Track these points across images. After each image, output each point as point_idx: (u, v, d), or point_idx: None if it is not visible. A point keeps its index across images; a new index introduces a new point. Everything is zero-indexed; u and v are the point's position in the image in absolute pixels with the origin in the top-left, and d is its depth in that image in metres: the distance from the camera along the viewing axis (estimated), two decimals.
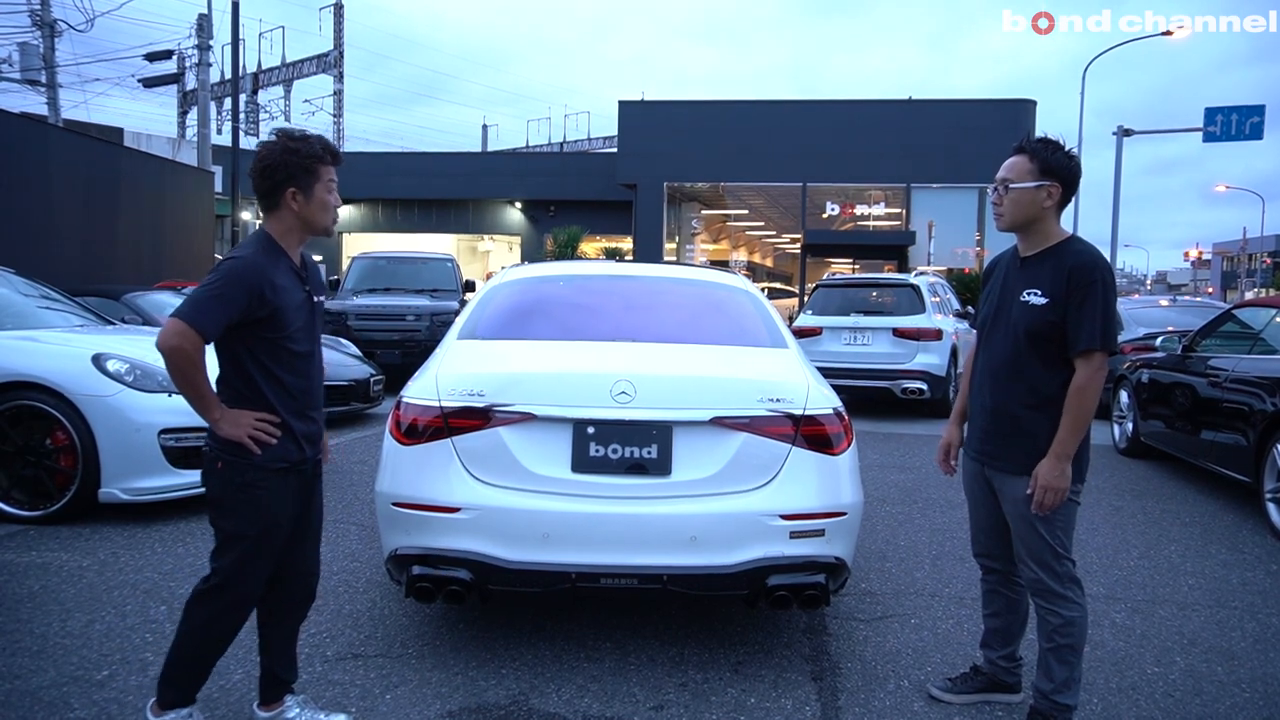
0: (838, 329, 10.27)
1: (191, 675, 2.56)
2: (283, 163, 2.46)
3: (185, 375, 2.36)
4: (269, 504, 2.50)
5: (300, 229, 2.55)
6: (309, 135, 2.54)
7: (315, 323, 2.65)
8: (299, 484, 2.60)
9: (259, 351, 2.47)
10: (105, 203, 14.26)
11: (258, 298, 2.39)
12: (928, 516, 5.57)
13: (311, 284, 2.64)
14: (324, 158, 2.52)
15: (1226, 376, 6.07)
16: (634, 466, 3.06)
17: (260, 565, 2.53)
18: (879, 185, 25.25)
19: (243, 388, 2.49)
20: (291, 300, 2.51)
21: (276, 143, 2.50)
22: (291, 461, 2.54)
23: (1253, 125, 22.01)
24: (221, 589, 2.50)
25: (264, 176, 2.48)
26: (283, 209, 2.51)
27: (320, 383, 2.70)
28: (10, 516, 4.83)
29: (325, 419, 2.79)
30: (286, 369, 2.52)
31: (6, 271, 6.36)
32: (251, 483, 2.47)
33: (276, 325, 2.46)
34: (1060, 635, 2.71)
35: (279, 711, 2.74)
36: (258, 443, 2.45)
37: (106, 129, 26.62)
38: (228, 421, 2.43)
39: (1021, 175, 2.71)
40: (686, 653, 3.39)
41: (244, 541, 2.49)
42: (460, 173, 29.94)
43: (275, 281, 2.44)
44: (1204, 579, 4.46)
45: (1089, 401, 2.61)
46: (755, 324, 3.94)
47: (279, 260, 2.51)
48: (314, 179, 2.50)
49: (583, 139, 48.92)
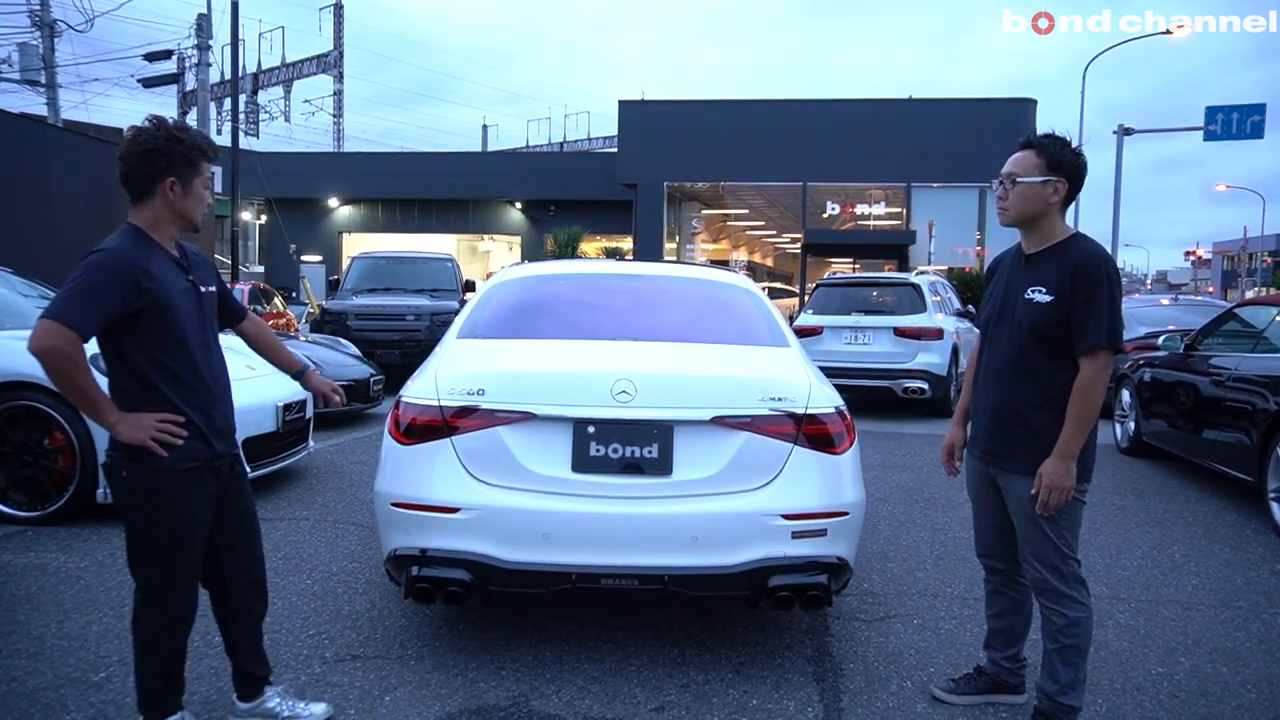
0: (839, 328, 10.25)
1: (163, 688, 2.49)
2: (166, 150, 2.35)
3: (67, 377, 2.24)
4: (181, 507, 2.39)
5: (172, 221, 2.44)
6: (189, 127, 2.46)
7: (207, 312, 2.53)
8: (214, 481, 2.50)
9: (150, 347, 2.36)
10: (105, 203, 14.19)
11: (133, 287, 2.28)
12: (929, 516, 5.55)
13: (196, 274, 2.51)
14: (207, 153, 2.44)
15: (1229, 375, 6.05)
16: (635, 466, 3.04)
17: (182, 571, 2.44)
18: (879, 184, 25.22)
19: (138, 389, 2.37)
20: (173, 288, 2.39)
21: (158, 130, 2.37)
22: (201, 460, 2.44)
23: (1253, 124, 22.00)
24: (150, 602, 2.42)
25: (145, 162, 2.35)
26: (156, 198, 2.39)
27: (224, 374, 2.59)
28: (8, 517, 4.81)
29: (325, 418, 2.76)
30: (182, 362, 2.41)
31: (5, 271, 6.33)
32: (160, 487, 2.36)
33: (161, 315, 2.35)
34: (1065, 636, 2.69)
35: (259, 703, 2.72)
36: (162, 444, 2.33)
37: (106, 129, 26.57)
38: (126, 425, 2.32)
39: (1028, 170, 2.69)
40: (688, 654, 3.36)
41: (159, 549, 2.39)
42: (460, 173, 29.91)
43: (149, 269, 2.33)
44: (1208, 579, 4.44)
45: (1094, 400, 2.59)
46: (757, 323, 3.92)
47: (152, 250, 2.39)
48: (195, 171, 2.41)
49: (583, 139, 48.93)
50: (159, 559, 2.41)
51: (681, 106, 25.78)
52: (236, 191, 18.96)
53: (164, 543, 2.40)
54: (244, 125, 21.62)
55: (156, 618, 2.44)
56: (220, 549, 2.59)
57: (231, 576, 2.63)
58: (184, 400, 2.41)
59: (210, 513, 2.50)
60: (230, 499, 2.60)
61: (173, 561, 2.42)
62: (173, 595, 2.44)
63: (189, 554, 2.45)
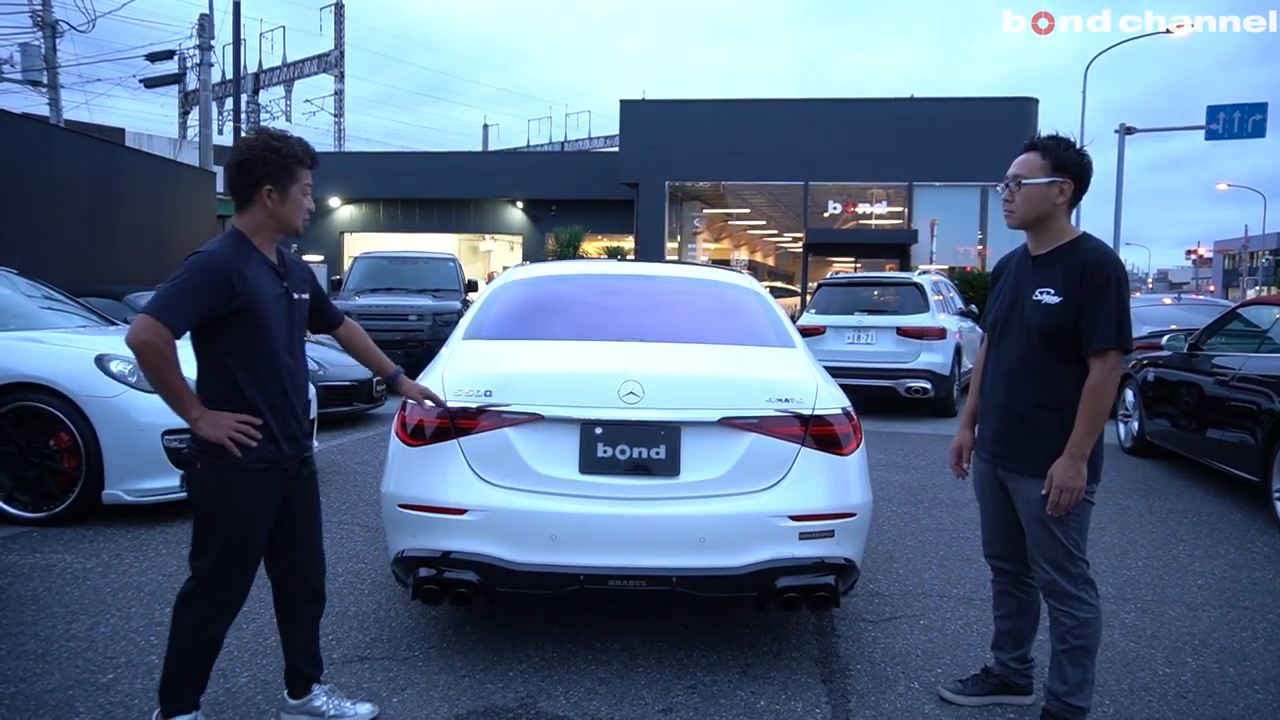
0: (841, 328, 10.24)
1: (189, 681, 2.53)
2: (262, 160, 2.45)
3: (157, 371, 2.32)
4: (246, 505, 2.46)
5: (272, 227, 2.52)
6: (289, 136, 2.53)
7: (296, 319, 2.61)
8: (281, 483, 2.56)
9: (237, 348, 2.44)
10: (107, 203, 14.23)
11: (227, 289, 2.36)
12: (934, 516, 5.55)
13: (291, 280, 2.59)
14: (303, 160, 2.51)
15: (1233, 375, 6.04)
16: (642, 467, 3.04)
17: (239, 568, 2.50)
18: (881, 184, 25.20)
19: (221, 387, 2.45)
20: (266, 294, 2.46)
21: (257, 139, 2.49)
22: (271, 462, 2.50)
23: (1255, 123, 21.99)
24: (202, 592, 2.48)
25: (241, 172, 2.46)
26: (256, 205, 2.48)
27: (304, 380, 2.66)
28: (14, 518, 4.81)
29: (329, 419, 2.78)
30: (265, 366, 2.47)
31: (9, 272, 6.33)
32: (229, 484, 2.43)
33: (251, 319, 2.42)
34: (1074, 637, 2.69)
35: (306, 700, 2.77)
36: (238, 444, 2.41)
37: (108, 129, 26.62)
38: (207, 422, 2.39)
39: (1034, 171, 2.69)
40: (695, 655, 3.36)
41: (219, 543, 2.45)
42: (462, 172, 29.90)
43: (245, 274, 2.40)
44: (1213, 579, 4.44)
45: (1104, 401, 2.59)
46: (762, 323, 3.92)
47: (249, 255, 2.47)
48: (291, 179, 2.49)
49: (584, 138, 48.91)
50: (217, 552, 2.46)
51: (683, 106, 25.75)
52: None
53: (224, 537, 2.46)
54: (245, 125, 21.61)
55: (202, 606, 2.49)
56: (282, 548, 2.65)
57: (290, 576, 2.70)
58: (263, 402, 2.48)
59: (274, 514, 2.56)
60: (297, 500, 2.66)
61: (229, 556, 2.48)
62: (222, 587, 2.50)
63: (246, 551, 2.51)
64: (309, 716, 2.77)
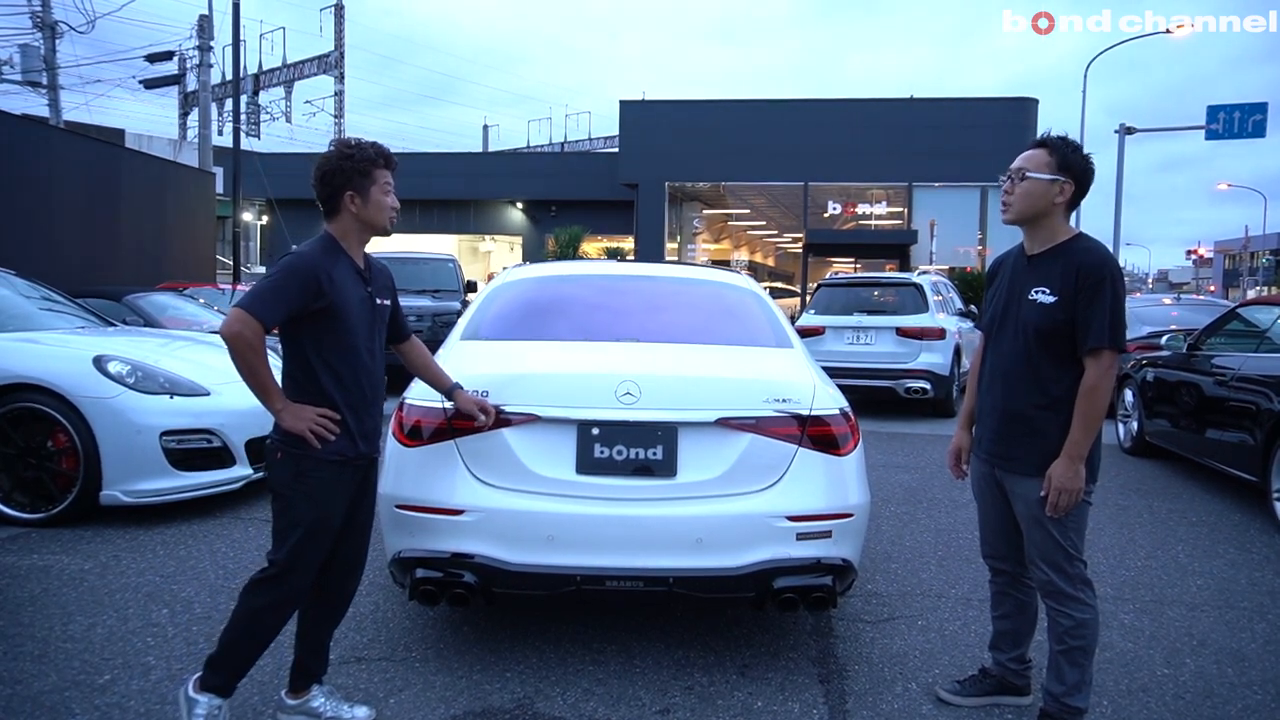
0: (841, 328, 10.23)
1: (238, 663, 2.61)
2: (339, 169, 2.59)
3: (247, 362, 2.45)
4: (322, 495, 2.58)
5: (359, 229, 2.66)
6: (364, 142, 2.65)
7: (377, 322, 2.73)
8: (352, 478, 2.67)
9: (322, 345, 2.57)
10: (107, 204, 14.23)
11: (314, 289, 2.49)
12: (932, 517, 5.54)
13: (375, 285, 2.72)
14: (378, 161, 2.64)
15: (1233, 375, 6.04)
16: (639, 468, 3.04)
17: (313, 556, 2.60)
18: (881, 184, 25.23)
19: (304, 380, 2.58)
20: (351, 296, 2.60)
21: (333, 151, 2.64)
22: (346, 457, 2.62)
23: (1255, 123, 22.02)
24: (278, 578, 2.57)
25: (323, 184, 2.61)
26: (342, 212, 2.63)
27: (381, 381, 2.77)
28: (11, 519, 4.81)
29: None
30: (347, 364, 2.61)
31: (8, 273, 6.34)
32: (306, 472, 2.55)
33: (336, 318, 2.56)
34: (1071, 637, 2.69)
35: (304, 700, 2.79)
36: (317, 437, 2.53)
37: (108, 130, 26.61)
38: (290, 413, 2.52)
39: (1038, 167, 2.69)
40: (692, 656, 3.36)
41: (299, 531, 2.55)
42: (461, 173, 29.93)
43: (333, 276, 2.54)
44: (1212, 579, 4.43)
45: (1100, 401, 2.58)
46: (760, 324, 3.92)
47: (339, 258, 2.61)
48: (370, 182, 2.62)
49: (584, 139, 48.89)
50: (294, 540, 2.55)
51: (683, 106, 25.78)
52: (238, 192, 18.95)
53: (298, 524, 2.56)
54: (245, 126, 21.58)
55: (273, 593, 2.58)
56: (335, 547, 2.71)
57: (330, 575, 2.75)
58: (342, 399, 2.60)
59: (345, 507, 2.66)
60: (362, 502, 2.76)
61: (302, 546, 2.56)
62: (293, 577, 2.58)
63: (317, 541, 2.59)
64: (306, 717, 2.77)
